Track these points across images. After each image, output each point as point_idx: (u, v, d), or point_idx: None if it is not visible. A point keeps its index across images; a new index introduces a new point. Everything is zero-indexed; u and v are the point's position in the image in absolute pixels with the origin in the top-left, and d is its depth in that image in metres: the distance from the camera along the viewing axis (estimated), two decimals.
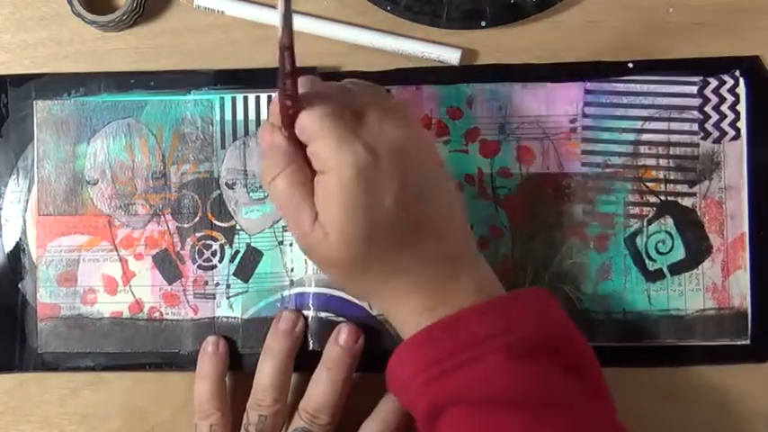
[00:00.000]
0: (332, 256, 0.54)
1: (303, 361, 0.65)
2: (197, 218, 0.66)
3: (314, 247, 0.55)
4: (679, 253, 0.65)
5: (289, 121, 0.54)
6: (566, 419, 0.53)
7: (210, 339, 0.65)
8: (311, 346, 0.65)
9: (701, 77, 0.65)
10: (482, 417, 0.53)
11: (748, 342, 0.65)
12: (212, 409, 0.63)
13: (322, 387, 0.62)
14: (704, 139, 0.65)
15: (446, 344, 0.53)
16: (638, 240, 0.65)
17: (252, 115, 0.66)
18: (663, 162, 0.65)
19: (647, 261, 0.65)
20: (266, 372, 0.63)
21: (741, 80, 0.65)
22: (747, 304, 0.65)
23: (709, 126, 0.65)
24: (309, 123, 0.53)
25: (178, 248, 0.66)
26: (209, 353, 0.65)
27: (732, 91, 0.65)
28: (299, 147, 0.55)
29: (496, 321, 0.54)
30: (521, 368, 0.53)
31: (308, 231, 0.54)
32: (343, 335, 0.63)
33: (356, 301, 0.64)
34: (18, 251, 0.66)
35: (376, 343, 0.64)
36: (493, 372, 0.53)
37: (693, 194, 0.65)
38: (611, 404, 0.57)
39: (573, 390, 0.54)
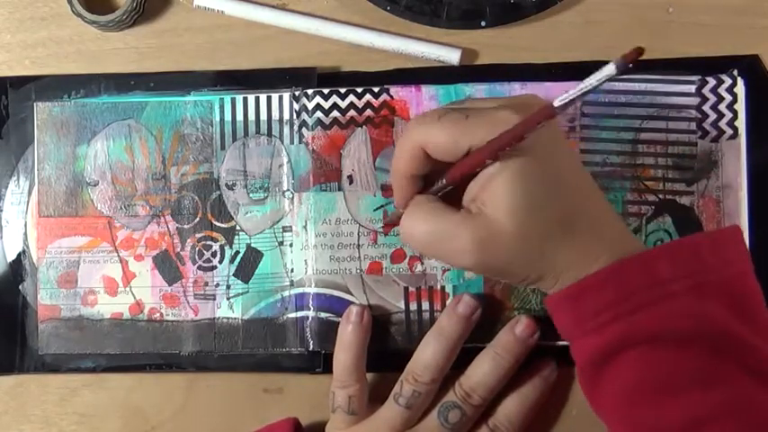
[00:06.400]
0: (506, 238, 0.52)
1: (305, 361, 0.65)
2: (197, 219, 0.66)
3: (489, 242, 0.52)
4: None
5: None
6: (739, 361, 0.51)
7: (355, 309, 0.64)
8: (311, 347, 0.65)
9: (700, 77, 0.65)
10: (658, 354, 0.51)
11: None
12: (351, 380, 0.62)
13: (486, 368, 0.61)
14: (702, 138, 0.65)
15: (636, 279, 0.51)
16: None
17: (251, 116, 0.66)
18: (661, 161, 0.65)
19: None
20: (431, 350, 0.62)
21: (739, 79, 0.65)
22: None
23: (706, 125, 0.65)
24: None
25: (178, 249, 0.66)
26: (354, 323, 0.63)
27: (730, 90, 0.65)
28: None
29: (687, 261, 0.52)
30: (704, 309, 0.51)
31: (471, 236, 0.53)
32: (520, 326, 0.62)
33: (356, 301, 0.65)
34: (19, 253, 0.66)
35: (379, 343, 0.64)
36: (678, 311, 0.51)
37: (691, 193, 0.65)
38: None
39: (746, 331, 0.52)
